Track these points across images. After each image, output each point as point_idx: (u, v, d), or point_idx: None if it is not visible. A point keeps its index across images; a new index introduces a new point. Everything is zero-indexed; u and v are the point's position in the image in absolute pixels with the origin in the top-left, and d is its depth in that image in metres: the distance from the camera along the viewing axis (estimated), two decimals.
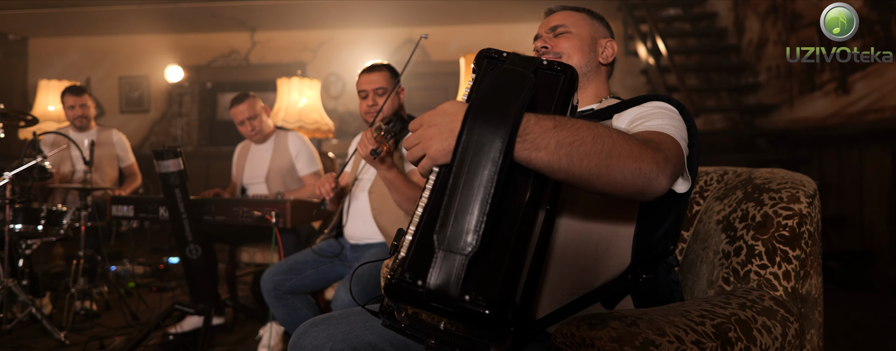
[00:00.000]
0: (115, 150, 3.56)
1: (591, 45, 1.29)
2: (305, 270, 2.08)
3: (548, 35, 1.31)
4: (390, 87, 2.11)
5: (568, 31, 1.29)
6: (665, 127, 1.00)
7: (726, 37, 5.62)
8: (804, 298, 1.05)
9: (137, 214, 2.66)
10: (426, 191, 0.82)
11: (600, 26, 1.34)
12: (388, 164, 1.81)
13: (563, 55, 1.27)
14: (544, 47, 1.29)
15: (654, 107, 1.09)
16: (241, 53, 7.54)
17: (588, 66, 1.28)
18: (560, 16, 1.32)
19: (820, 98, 4.28)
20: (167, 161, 2.34)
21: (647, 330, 0.82)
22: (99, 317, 3.11)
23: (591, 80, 1.29)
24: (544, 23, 1.35)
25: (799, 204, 1.06)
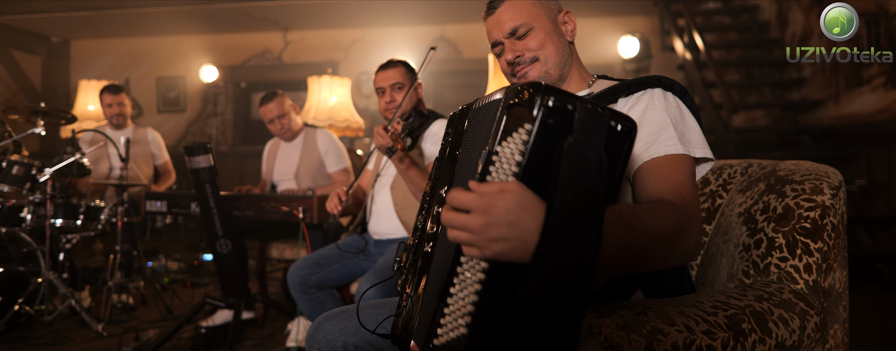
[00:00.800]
0: (151, 148, 3.69)
1: (555, 29, 1.23)
2: (330, 264, 2.13)
3: (509, 41, 1.23)
4: (407, 82, 2.15)
5: (530, 28, 1.21)
6: (676, 144, 1.00)
7: (769, 30, 5.49)
8: (827, 291, 1.04)
9: (170, 210, 2.76)
10: (467, 275, 0.75)
11: (549, 1, 1.25)
12: (403, 159, 1.86)
13: (539, 59, 1.21)
14: (517, 57, 1.22)
15: (660, 108, 1.06)
16: (275, 53, 7.70)
17: (563, 54, 1.23)
18: (509, 12, 1.22)
19: (868, 93, 4.15)
20: (198, 157, 2.43)
21: (656, 319, 0.83)
22: (135, 310, 3.24)
23: (573, 66, 1.26)
24: (493, 24, 1.25)
25: (822, 195, 1.05)
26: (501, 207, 0.69)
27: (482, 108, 0.95)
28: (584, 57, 1.32)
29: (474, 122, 0.96)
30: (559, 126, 0.71)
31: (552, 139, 0.71)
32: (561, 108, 0.72)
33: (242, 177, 7.35)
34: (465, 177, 0.92)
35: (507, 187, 0.70)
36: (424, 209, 1.07)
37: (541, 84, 0.75)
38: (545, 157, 0.71)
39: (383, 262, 1.94)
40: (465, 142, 0.97)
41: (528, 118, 0.73)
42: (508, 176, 0.72)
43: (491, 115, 0.88)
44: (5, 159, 2.80)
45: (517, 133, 0.73)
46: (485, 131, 0.89)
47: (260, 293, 2.83)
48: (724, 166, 1.35)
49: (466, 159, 0.94)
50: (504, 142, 0.74)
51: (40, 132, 2.85)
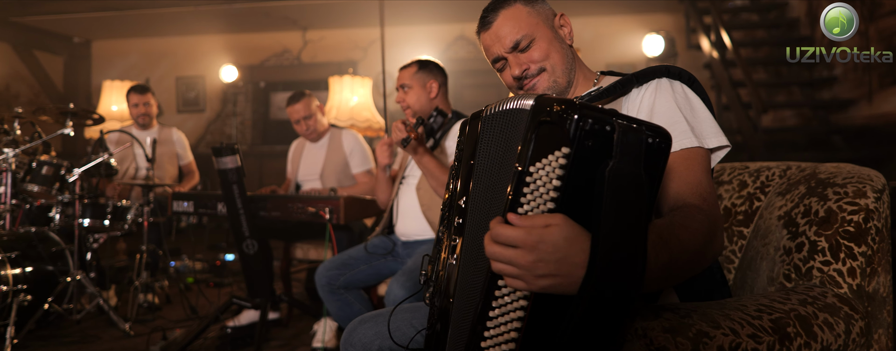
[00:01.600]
0: (175, 149, 3.76)
1: (556, 37, 1.23)
2: (358, 265, 2.16)
3: (512, 56, 1.22)
4: (414, 83, 2.23)
5: (532, 39, 1.20)
6: (690, 137, 1.02)
7: (798, 28, 5.43)
8: (871, 296, 1.04)
9: (197, 210, 2.81)
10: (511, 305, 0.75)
11: (542, 6, 1.24)
12: (416, 149, 1.91)
13: (546, 69, 1.20)
14: (524, 71, 1.20)
15: (668, 99, 1.07)
16: (294, 53, 7.78)
17: (568, 59, 1.23)
18: (506, 25, 1.21)
19: None
20: (225, 158, 2.47)
21: (701, 322, 0.84)
22: (160, 310, 3.31)
23: (577, 68, 1.26)
24: (492, 40, 1.23)
25: (865, 199, 1.06)
26: (549, 243, 0.68)
27: (497, 116, 0.94)
28: (608, 55, 1.34)
29: (490, 131, 0.96)
30: (599, 149, 0.69)
31: (592, 164, 0.69)
32: (599, 130, 0.69)
33: (262, 177, 7.44)
34: (485, 190, 0.92)
35: (554, 221, 0.68)
36: (445, 219, 1.07)
37: (574, 102, 0.72)
38: (586, 185, 0.69)
39: (412, 263, 1.97)
40: (481, 151, 0.97)
41: (564, 140, 0.70)
42: (545, 202, 0.71)
43: (513, 127, 0.88)
44: (35, 159, 2.88)
45: (553, 156, 0.70)
46: (507, 145, 0.89)
47: (285, 294, 2.88)
48: (762, 169, 1.36)
49: (486, 171, 0.94)
50: (537, 163, 0.72)
51: (69, 133, 2.92)
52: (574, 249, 0.68)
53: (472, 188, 0.96)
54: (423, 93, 2.20)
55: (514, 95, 0.93)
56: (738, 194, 1.36)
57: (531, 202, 0.72)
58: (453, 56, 7.43)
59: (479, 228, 0.92)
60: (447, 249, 1.02)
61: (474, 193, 0.96)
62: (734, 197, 1.37)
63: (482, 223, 0.91)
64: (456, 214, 1.00)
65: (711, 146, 1.04)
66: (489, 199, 0.91)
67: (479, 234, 0.92)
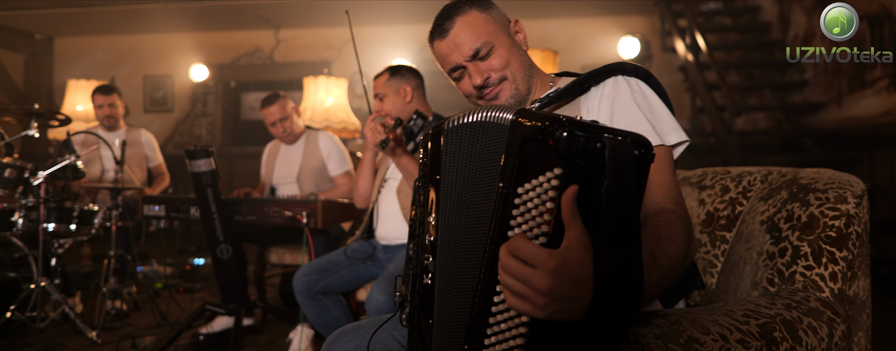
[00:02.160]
0: (144, 150, 3.69)
1: (514, 43, 1.22)
2: (338, 270, 2.15)
3: (472, 64, 1.20)
4: (388, 91, 2.25)
5: (491, 47, 1.19)
6: (653, 137, 1.03)
7: (770, 32, 5.57)
8: (851, 300, 1.07)
9: (169, 214, 2.76)
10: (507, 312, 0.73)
11: (498, 13, 1.23)
12: (399, 153, 1.90)
13: (507, 77, 1.20)
14: (486, 81, 1.19)
15: (626, 98, 1.08)
16: (266, 52, 7.70)
17: (527, 67, 1.23)
18: (464, 33, 1.19)
19: (871, 96, 4.23)
20: (199, 161, 2.43)
21: (692, 328, 0.86)
22: (129, 316, 3.24)
23: (534, 72, 1.25)
24: (450, 48, 1.20)
25: (846, 204, 1.09)
26: (570, 267, 0.64)
27: (463, 128, 0.92)
28: (584, 57, 1.36)
29: (455, 144, 0.94)
30: (591, 168, 0.66)
31: (585, 183, 0.66)
32: (591, 148, 0.66)
33: (232, 179, 7.34)
34: (457, 207, 0.91)
35: (574, 243, 0.65)
36: (415, 236, 1.04)
37: (559, 118, 0.69)
38: (584, 208, 0.65)
39: (393, 267, 1.96)
40: (447, 166, 0.95)
41: (554, 160, 0.67)
42: (539, 226, 0.69)
43: (485, 141, 0.86)
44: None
45: (544, 176, 0.68)
46: (479, 160, 0.87)
47: (260, 299, 2.84)
48: (744, 174, 1.38)
49: (455, 187, 0.92)
50: (526, 184, 0.69)
51: (34, 134, 2.84)
52: (585, 273, 0.65)
53: (442, 205, 0.95)
54: (398, 99, 2.21)
55: (480, 107, 0.91)
56: (720, 199, 1.39)
57: (523, 225, 0.70)
58: (428, 56, 7.40)
59: (455, 248, 0.91)
60: (419, 266, 1.00)
61: (444, 210, 0.94)
62: (717, 202, 1.39)
63: (458, 243, 0.90)
64: (426, 232, 0.98)
65: (673, 143, 1.06)
66: (463, 217, 0.90)
67: (454, 253, 0.91)
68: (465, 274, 0.88)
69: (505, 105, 1.06)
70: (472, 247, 0.87)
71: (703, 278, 1.36)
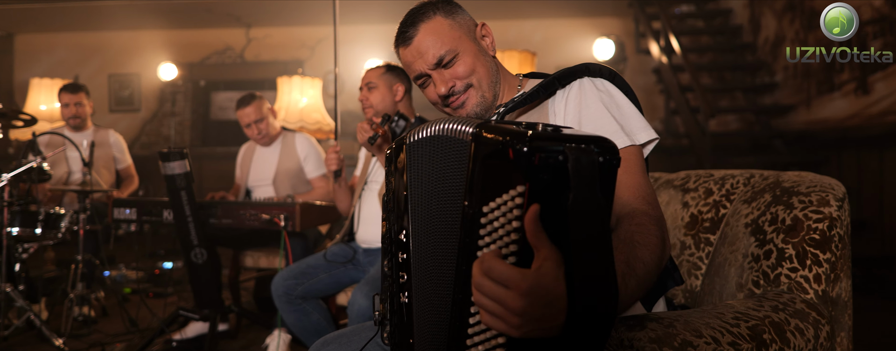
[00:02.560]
0: (112, 152, 3.61)
1: (480, 49, 1.21)
2: (317, 274, 2.13)
3: (437, 72, 1.19)
4: (380, 84, 2.24)
5: (456, 53, 1.17)
6: (622, 137, 1.04)
7: (741, 35, 5.69)
8: (834, 301, 1.10)
9: (140, 217, 2.71)
10: None
11: (462, 17, 1.22)
12: (381, 147, 1.92)
13: (473, 85, 1.19)
14: (451, 90, 1.18)
15: (593, 99, 1.08)
16: (237, 50, 7.59)
17: (494, 73, 1.22)
18: (427, 40, 1.17)
19: (839, 98, 4.35)
20: (173, 162, 2.39)
21: (685, 331, 0.87)
22: (96, 323, 3.16)
23: (502, 77, 1.25)
24: (413, 55, 1.19)
25: (829, 207, 1.12)
26: (543, 287, 0.63)
27: (423, 142, 0.91)
28: (558, 58, 1.35)
29: (418, 159, 0.93)
30: (555, 182, 0.64)
31: (550, 198, 0.64)
32: (553, 162, 0.64)
33: (202, 181, 7.22)
34: (425, 224, 0.90)
35: (546, 263, 0.64)
36: (389, 254, 1.03)
37: (520, 132, 0.67)
38: (551, 225, 0.64)
39: (375, 271, 1.95)
40: (412, 181, 0.94)
41: (516, 177, 0.65)
42: (507, 245, 0.68)
43: (446, 156, 0.85)
44: None
45: (508, 195, 0.66)
46: (442, 175, 0.86)
47: (235, 304, 2.81)
48: (727, 176, 1.41)
49: (422, 203, 0.92)
50: (491, 203, 0.68)
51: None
52: (559, 292, 0.64)
53: (411, 222, 0.94)
54: (388, 94, 2.21)
55: (440, 119, 0.91)
56: (704, 202, 1.41)
57: (492, 245, 0.69)
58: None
59: (428, 266, 0.91)
60: (396, 285, 1.00)
61: (414, 227, 0.94)
62: (700, 204, 1.42)
63: (430, 261, 0.90)
64: (399, 250, 0.98)
65: (642, 142, 1.07)
66: (433, 235, 0.90)
67: (428, 272, 0.91)
68: (440, 293, 0.88)
69: (466, 117, 1.02)
70: (444, 265, 0.86)
71: (687, 280, 1.39)
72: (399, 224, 0.98)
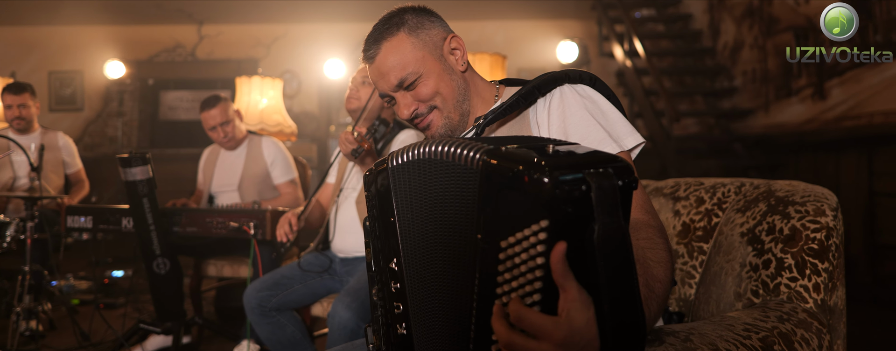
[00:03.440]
0: (61, 155, 3.45)
1: (444, 67, 1.18)
2: (292, 284, 2.08)
3: (400, 95, 1.17)
4: None
5: (418, 76, 1.15)
6: (610, 144, 1.03)
7: (701, 39, 5.86)
8: (831, 309, 1.14)
9: (97, 226, 2.60)
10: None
11: (428, 33, 1.18)
12: (368, 162, 1.87)
13: (437, 106, 1.17)
14: (414, 112, 1.17)
15: (576, 107, 1.07)
16: (187, 48, 7.39)
17: (460, 90, 1.19)
18: (389, 60, 1.15)
19: (796, 103, 4.52)
20: (135, 168, 2.31)
21: (702, 345, 0.88)
22: (44, 337, 3.02)
23: (470, 92, 1.22)
24: (376, 75, 1.18)
25: (825, 217, 1.15)
26: (578, 334, 0.61)
27: (412, 165, 0.88)
28: (520, 60, 1.33)
29: (405, 182, 0.89)
30: (579, 214, 0.61)
31: (574, 231, 0.61)
32: (577, 193, 0.60)
33: None
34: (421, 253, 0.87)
35: (574, 305, 0.61)
36: (378, 282, 0.99)
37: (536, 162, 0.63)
38: (578, 259, 0.61)
39: (356, 282, 1.92)
40: (399, 206, 0.90)
41: (539, 210, 0.61)
42: (531, 283, 0.64)
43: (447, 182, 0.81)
44: None
45: (529, 230, 0.63)
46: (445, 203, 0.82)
47: (198, 315, 2.73)
48: (717, 185, 1.44)
49: (415, 231, 0.88)
50: (509, 237, 0.65)
51: None
52: (591, 335, 0.62)
53: (403, 250, 0.91)
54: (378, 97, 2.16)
55: (432, 139, 0.88)
56: (695, 210, 1.44)
57: (512, 282, 0.66)
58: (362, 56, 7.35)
59: (428, 299, 0.88)
60: (390, 316, 0.96)
61: (407, 255, 0.90)
62: (692, 213, 1.44)
63: (431, 293, 0.87)
64: (391, 279, 0.94)
65: (630, 147, 1.07)
66: (432, 265, 0.86)
67: (429, 305, 0.88)
68: (446, 328, 0.85)
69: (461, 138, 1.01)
70: (450, 298, 0.84)
71: (681, 289, 1.42)
72: (387, 252, 0.93)
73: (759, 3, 4.91)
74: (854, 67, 3.85)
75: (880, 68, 3.64)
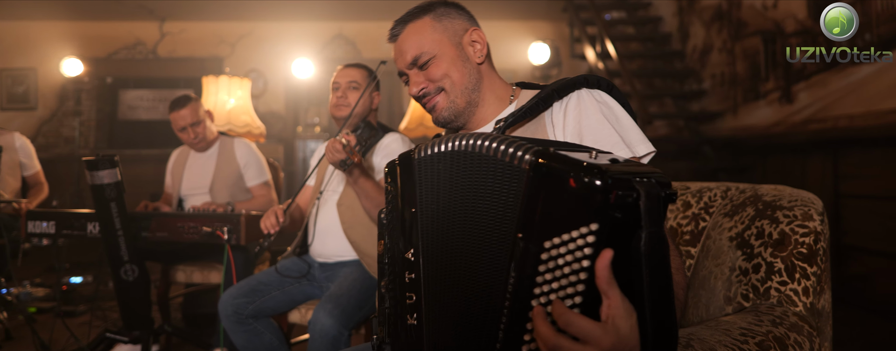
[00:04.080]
0: (18, 157, 3.34)
1: (459, 54, 1.24)
2: (270, 291, 2.05)
3: (413, 72, 1.24)
4: (365, 85, 2.15)
5: (431, 56, 1.22)
6: (624, 149, 1.06)
7: (670, 42, 5.97)
8: (819, 312, 1.17)
9: (60, 231, 2.52)
10: None
11: (452, 22, 1.26)
12: (356, 174, 1.83)
13: (445, 88, 1.23)
14: (422, 90, 1.23)
15: (593, 111, 1.10)
16: (148, 45, 7.22)
17: (471, 79, 1.24)
18: (409, 40, 1.23)
19: (764, 107, 4.64)
20: (102, 171, 2.24)
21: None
22: (1, 348, 2.91)
23: (484, 89, 1.27)
24: (397, 53, 1.26)
25: (813, 222, 1.19)
26: (622, 340, 0.62)
27: (443, 156, 0.90)
28: (494, 60, 1.37)
29: (435, 175, 0.91)
30: (627, 220, 0.62)
31: (621, 237, 0.63)
32: (628, 201, 0.62)
33: None
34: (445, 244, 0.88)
35: (618, 311, 0.62)
36: (390, 274, 1.00)
37: (592, 166, 0.64)
38: (622, 265, 0.63)
39: (337, 288, 1.90)
40: (424, 198, 0.92)
41: (588, 214, 0.63)
42: (573, 285, 0.66)
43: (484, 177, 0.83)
44: None
45: (577, 232, 0.64)
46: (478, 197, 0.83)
47: (167, 323, 2.66)
48: (704, 189, 1.47)
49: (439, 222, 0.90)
50: (555, 238, 0.65)
51: None
52: (634, 343, 0.63)
53: (423, 240, 0.92)
54: (367, 99, 2.14)
55: (464, 133, 0.89)
56: (683, 215, 1.47)
57: (553, 283, 0.67)
58: (330, 55, 7.30)
59: (448, 289, 0.89)
60: (401, 306, 0.97)
61: (426, 246, 0.92)
62: (679, 217, 1.47)
63: (451, 284, 0.88)
64: (405, 269, 0.95)
65: (642, 154, 1.10)
66: (455, 256, 0.87)
67: (448, 295, 0.89)
68: (463, 320, 0.86)
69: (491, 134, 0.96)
70: (472, 292, 0.84)
71: None
72: (404, 242, 0.95)
73: (729, 7, 5.03)
74: (820, 71, 3.97)
75: (845, 73, 3.76)
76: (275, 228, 1.92)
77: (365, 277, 1.97)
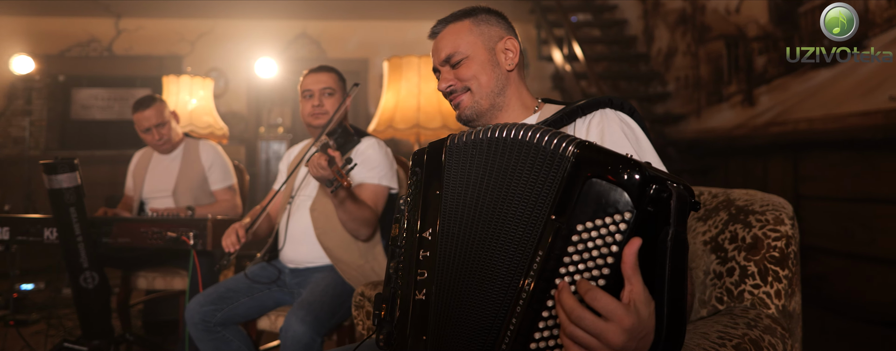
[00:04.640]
0: None
1: (490, 59, 1.30)
2: (239, 297, 2.02)
3: (445, 69, 1.33)
4: (339, 90, 2.13)
5: (463, 57, 1.29)
6: None
7: (636, 45, 6.08)
8: (790, 314, 1.21)
9: (14, 237, 2.44)
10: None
11: (490, 28, 1.33)
12: (342, 196, 1.81)
13: (471, 88, 1.30)
14: (450, 87, 1.31)
15: (616, 131, 1.16)
16: (103, 43, 7.03)
17: (498, 83, 1.31)
18: (446, 39, 1.32)
19: (727, 110, 4.77)
20: (61, 175, 2.18)
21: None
22: None
23: (510, 95, 1.33)
24: (434, 50, 1.35)
25: (784, 226, 1.23)
26: (643, 321, 0.66)
27: (479, 143, 0.97)
28: None
29: (466, 160, 0.98)
30: (658, 215, 0.69)
31: (649, 230, 0.69)
32: (662, 197, 0.69)
33: None
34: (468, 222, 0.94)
35: (639, 295, 0.66)
36: (400, 253, 1.06)
37: (632, 161, 0.71)
38: (648, 255, 0.68)
39: (309, 294, 1.88)
40: (451, 181, 0.99)
41: (624, 203, 0.70)
42: (599, 268, 0.70)
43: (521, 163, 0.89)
44: None
45: (611, 218, 0.70)
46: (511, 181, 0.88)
47: (128, 332, 2.60)
48: None
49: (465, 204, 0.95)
50: (588, 223, 0.71)
51: None
52: (650, 327, 0.67)
53: (444, 220, 0.98)
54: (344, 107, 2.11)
55: (501, 124, 0.96)
56: None
57: (580, 264, 0.72)
58: (294, 55, 7.22)
59: (465, 266, 0.93)
60: (411, 284, 1.00)
61: (449, 225, 0.97)
62: None
63: (470, 261, 0.93)
64: (420, 248, 1.00)
65: None
66: (477, 233, 0.93)
67: (464, 271, 0.93)
68: (476, 295, 0.91)
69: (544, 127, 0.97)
70: (491, 268, 0.89)
71: None
72: (424, 222, 1.00)
73: (693, 11, 5.15)
74: (781, 76, 4.10)
75: (805, 77, 3.89)
76: (235, 246, 1.89)
77: (338, 282, 1.96)
